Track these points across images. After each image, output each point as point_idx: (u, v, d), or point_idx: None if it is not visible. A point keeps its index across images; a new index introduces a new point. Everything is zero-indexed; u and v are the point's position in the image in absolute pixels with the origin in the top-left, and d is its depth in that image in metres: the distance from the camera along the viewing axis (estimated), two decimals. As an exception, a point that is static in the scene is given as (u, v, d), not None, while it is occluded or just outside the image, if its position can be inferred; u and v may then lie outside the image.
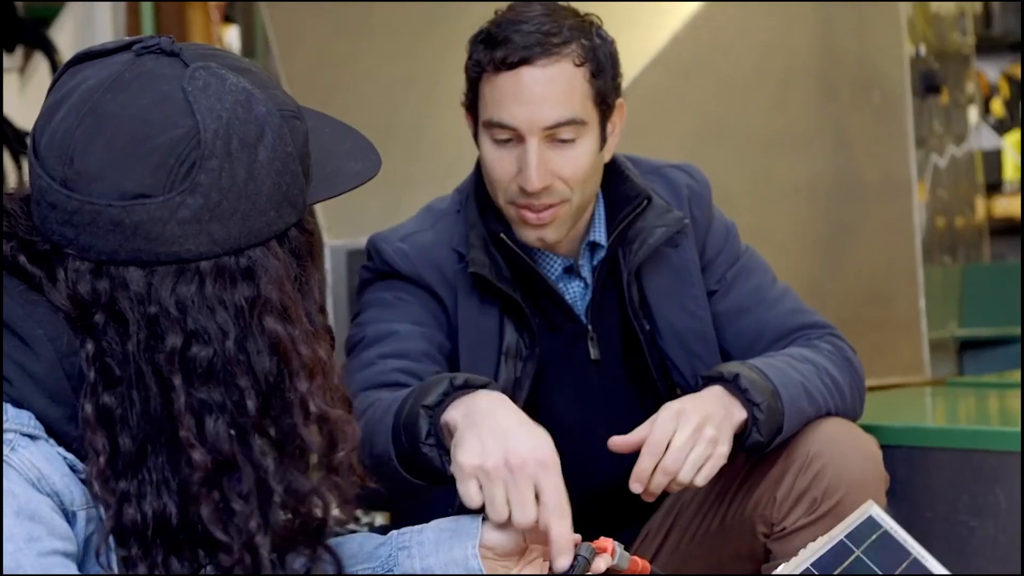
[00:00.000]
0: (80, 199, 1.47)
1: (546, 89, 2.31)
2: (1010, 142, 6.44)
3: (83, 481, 1.48)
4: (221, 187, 1.47)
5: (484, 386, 1.98)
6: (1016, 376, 3.86)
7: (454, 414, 1.93)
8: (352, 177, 1.62)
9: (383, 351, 2.34)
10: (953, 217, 4.70)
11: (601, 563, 1.83)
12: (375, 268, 2.47)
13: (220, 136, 1.47)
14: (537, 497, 1.78)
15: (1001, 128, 6.55)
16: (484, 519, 1.86)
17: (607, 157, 2.45)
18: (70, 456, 1.49)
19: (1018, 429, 2.64)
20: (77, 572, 1.45)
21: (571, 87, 2.33)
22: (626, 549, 1.88)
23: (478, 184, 2.47)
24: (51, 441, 1.48)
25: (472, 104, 2.41)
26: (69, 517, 1.47)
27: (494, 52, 2.32)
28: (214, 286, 1.48)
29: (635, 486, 2.18)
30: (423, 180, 3.53)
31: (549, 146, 2.32)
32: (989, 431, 2.72)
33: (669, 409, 2.21)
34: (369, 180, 1.63)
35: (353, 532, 2.97)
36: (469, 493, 1.80)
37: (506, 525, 1.79)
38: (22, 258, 1.50)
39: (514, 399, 2.35)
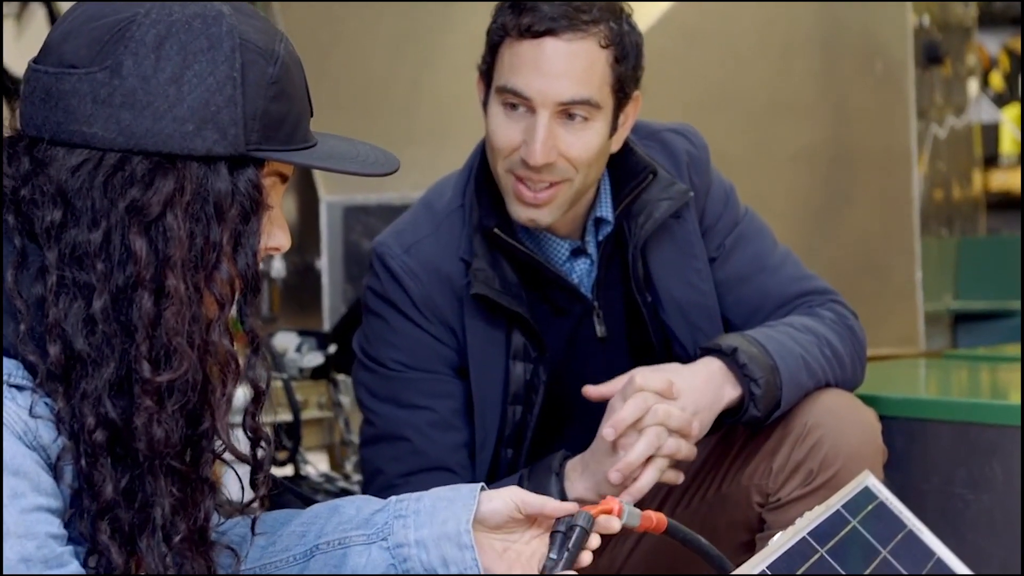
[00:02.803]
0: (33, 67, 1.51)
1: (567, 64, 2.27)
2: (1009, 116, 6.42)
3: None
4: (142, 75, 1.47)
5: None
6: (1012, 350, 3.86)
7: None
8: (351, 161, 1.61)
9: (415, 465, 2.32)
10: (951, 189, 4.69)
11: (614, 523, 1.81)
12: (383, 292, 2.42)
13: (159, 31, 1.48)
14: None
15: (1000, 102, 6.54)
16: (483, 489, 1.85)
17: (615, 147, 2.40)
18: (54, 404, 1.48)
19: (1016, 403, 2.63)
20: (62, 528, 1.44)
21: (592, 67, 2.28)
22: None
23: (482, 164, 2.43)
24: (38, 391, 1.46)
25: (488, 69, 2.36)
26: (57, 472, 1.45)
27: (520, 18, 2.27)
28: (108, 177, 1.46)
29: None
30: (421, 138, 3.52)
31: (559, 123, 2.28)
32: (987, 404, 2.71)
33: (641, 394, 2.21)
34: (376, 175, 1.62)
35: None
36: None
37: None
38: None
39: (529, 402, 2.36)
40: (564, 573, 1.75)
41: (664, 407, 2.20)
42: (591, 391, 2.28)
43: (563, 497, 2.23)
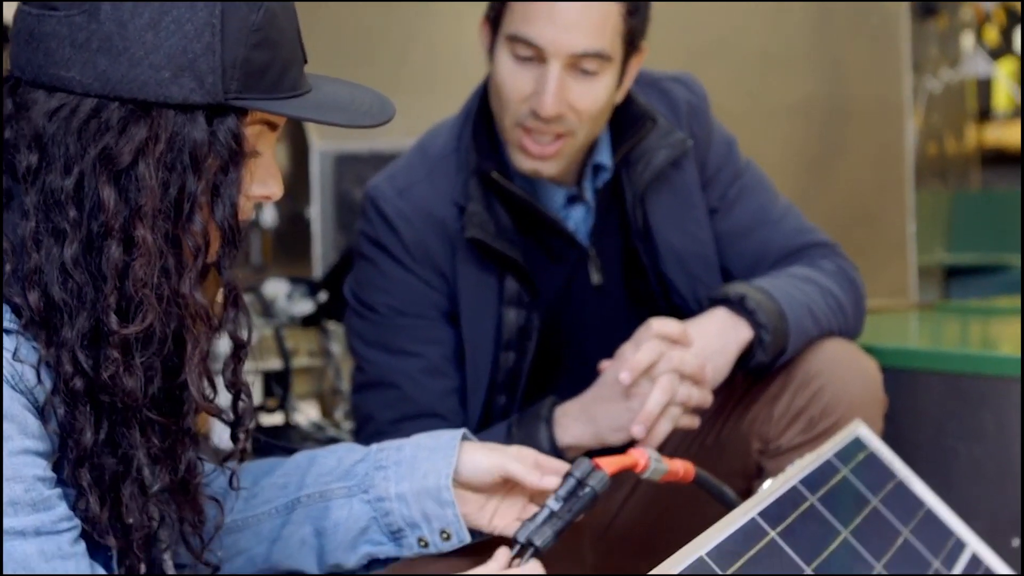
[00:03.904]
0: (20, 6, 1.49)
1: (582, 15, 2.24)
2: (1003, 70, 6.40)
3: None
4: (119, 20, 1.44)
5: None
6: (1005, 302, 3.86)
7: None
8: (339, 111, 1.57)
9: (405, 412, 2.31)
10: (945, 143, 4.69)
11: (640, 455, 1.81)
12: (375, 236, 2.41)
13: None
14: None
15: (994, 56, 6.51)
16: (464, 438, 1.84)
17: (619, 98, 2.38)
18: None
19: (1008, 354, 2.63)
20: (49, 471, 1.43)
21: (606, 19, 2.26)
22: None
23: (480, 109, 2.41)
24: (26, 335, 1.45)
25: (496, 16, 2.33)
26: (44, 415, 1.45)
27: None
28: (83, 123, 1.44)
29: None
30: (414, 87, 3.50)
31: (570, 74, 2.25)
32: (979, 355, 2.71)
33: (656, 339, 2.21)
34: (363, 127, 1.58)
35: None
36: None
37: None
38: None
39: (523, 349, 2.34)
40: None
41: (678, 353, 2.19)
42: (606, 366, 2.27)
43: (552, 444, 2.22)
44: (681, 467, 1.89)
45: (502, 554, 1.71)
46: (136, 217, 1.45)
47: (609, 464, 1.83)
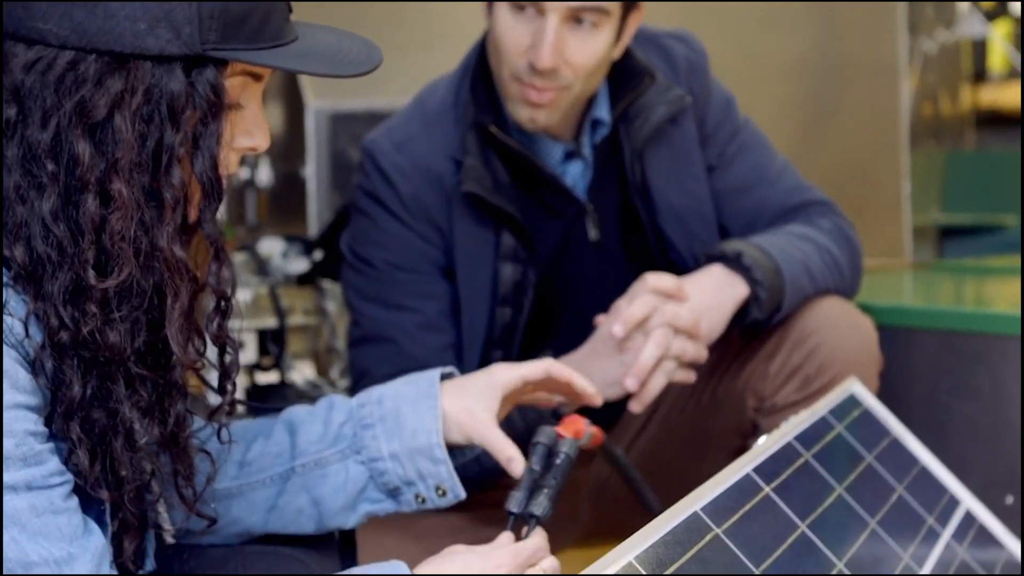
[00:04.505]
0: None
1: None
2: (999, 32, 6.39)
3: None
4: None
5: None
6: (999, 261, 3.86)
7: None
8: (323, 61, 1.54)
9: (401, 367, 2.29)
10: (940, 104, 4.68)
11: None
12: (372, 191, 2.41)
13: None
14: None
15: (990, 17, 6.49)
16: (444, 377, 1.85)
17: (617, 54, 2.37)
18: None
19: (1007, 311, 2.63)
20: (40, 426, 1.42)
21: None
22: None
23: (479, 64, 2.40)
24: (15, 288, 1.45)
25: None
26: (35, 369, 1.44)
27: None
28: (60, 76, 1.42)
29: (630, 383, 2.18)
30: (409, 45, 3.49)
31: (568, 27, 2.24)
32: (973, 313, 2.71)
33: (650, 293, 2.21)
34: (348, 76, 1.55)
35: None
36: None
37: None
38: None
39: (519, 304, 2.34)
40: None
41: (672, 307, 2.19)
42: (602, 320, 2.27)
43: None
44: (595, 431, 1.90)
45: (505, 537, 1.71)
46: (113, 170, 1.43)
47: (562, 430, 1.84)
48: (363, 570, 1.60)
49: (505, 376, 1.85)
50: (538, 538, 1.70)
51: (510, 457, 1.79)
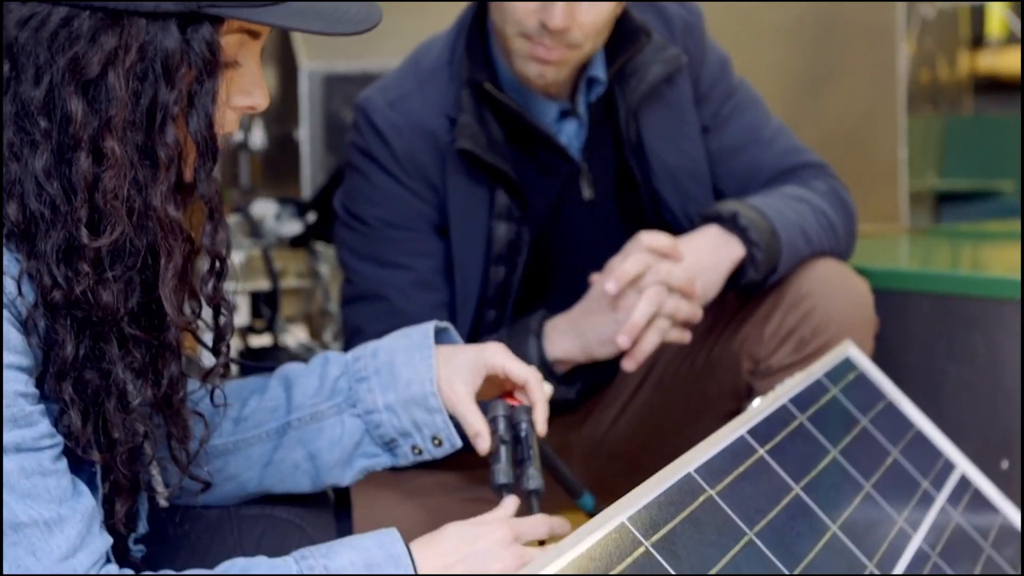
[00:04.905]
0: None
1: None
2: (998, -5, 6.37)
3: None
4: None
5: None
6: (996, 226, 3.86)
7: None
8: (317, 18, 1.51)
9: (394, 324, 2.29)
10: (937, 69, 4.66)
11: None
12: (366, 148, 2.39)
13: None
14: None
15: (989, -20, 6.47)
16: (439, 332, 1.84)
17: (618, 11, 2.36)
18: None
19: (1005, 275, 2.62)
20: (31, 387, 1.41)
21: None
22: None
23: (474, 22, 2.38)
24: (8, 246, 1.44)
25: None
26: (27, 329, 1.43)
27: None
28: (54, 32, 1.41)
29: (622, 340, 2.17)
30: (404, 6, 3.46)
31: None
32: (970, 276, 2.70)
33: (644, 251, 2.20)
34: (343, 34, 1.52)
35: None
36: None
37: None
38: None
39: (513, 263, 2.33)
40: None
41: (666, 265, 2.19)
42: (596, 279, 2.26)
43: (542, 357, 2.23)
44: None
45: (506, 508, 1.70)
46: (106, 128, 1.42)
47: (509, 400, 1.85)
48: (358, 539, 1.58)
49: (495, 358, 1.83)
50: (540, 516, 1.70)
51: (477, 432, 1.78)
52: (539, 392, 1.83)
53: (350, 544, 1.56)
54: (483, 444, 1.78)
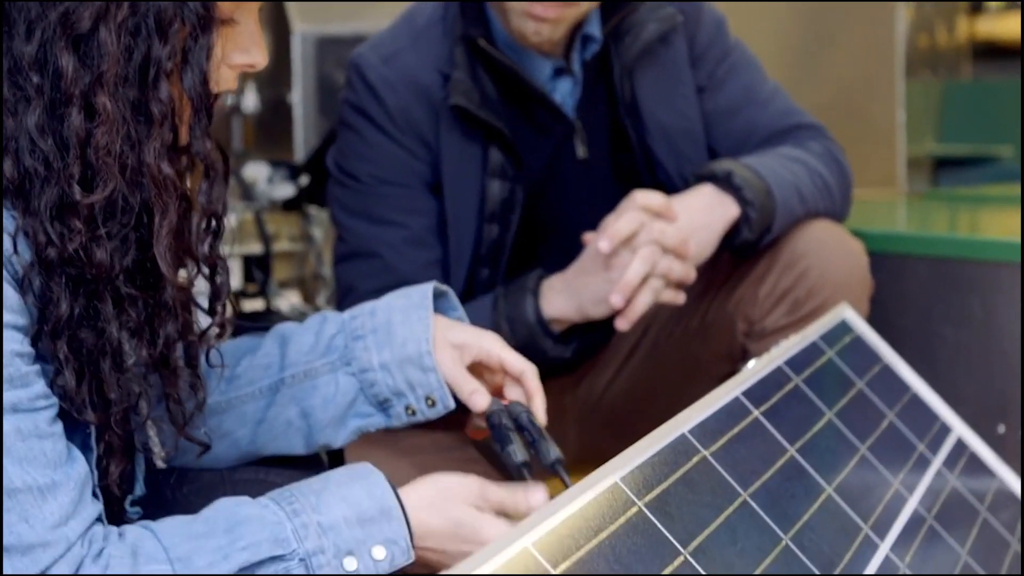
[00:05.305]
0: None
1: None
2: (997, -40, 6.35)
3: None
4: None
5: None
6: (997, 191, 3.85)
7: None
8: None
9: (387, 282, 2.25)
10: (936, 34, 4.65)
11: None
12: (359, 104, 2.37)
13: None
14: None
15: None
16: (438, 295, 1.83)
17: None
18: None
19: (1005, 238, 2.61)
20: (27, 346, 1.40)
21: None
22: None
23: None
24: (6, 203, 1.42)
25: None
26: (23, 287, 1.41)
27: None
28: None
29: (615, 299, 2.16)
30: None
31: None
32: (967, 240, 2.69)
33: (638, 210, 2.18)
34: None
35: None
36: None
37: None
38: None
39: (506, 222, 2.31)
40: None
41: (659, 225, 2.17)
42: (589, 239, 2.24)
43: (538, 316, 2.21)
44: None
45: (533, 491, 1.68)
46: (97, 84, 1.41)
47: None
48: (347, 489, 1.56)
49: (492, 346, 1.81)
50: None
51: (473, 390, 1.76)
52: (536, 382, 1.81)
53: (341, 497, 1.55)
54: (479, 400, 1.76)
